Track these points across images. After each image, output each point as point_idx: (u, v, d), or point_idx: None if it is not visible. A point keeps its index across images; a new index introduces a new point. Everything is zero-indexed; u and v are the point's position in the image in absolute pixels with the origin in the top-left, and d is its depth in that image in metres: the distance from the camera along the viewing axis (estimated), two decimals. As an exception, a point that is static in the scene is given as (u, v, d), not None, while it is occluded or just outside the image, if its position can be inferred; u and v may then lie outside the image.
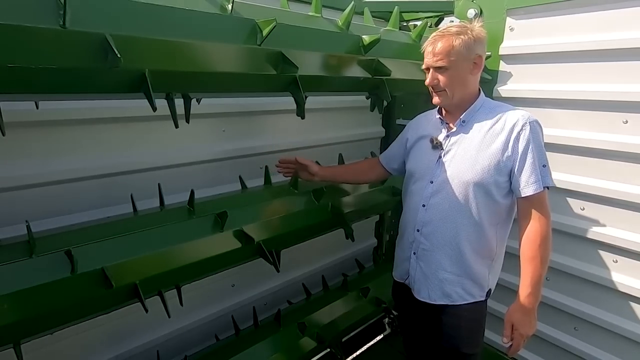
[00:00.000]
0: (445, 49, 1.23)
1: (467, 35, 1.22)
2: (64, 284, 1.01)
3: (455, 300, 1.36)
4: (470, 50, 1.23)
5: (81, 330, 1.40)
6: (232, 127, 1.83)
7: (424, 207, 1.36)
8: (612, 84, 1.62)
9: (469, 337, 1.39)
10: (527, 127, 1.20)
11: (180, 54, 0.98)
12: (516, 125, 1.22)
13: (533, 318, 1.24)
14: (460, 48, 1.22)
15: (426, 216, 1.35)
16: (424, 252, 1.38)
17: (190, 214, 1.34)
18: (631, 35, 1.54)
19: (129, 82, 0.93)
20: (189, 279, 1.32)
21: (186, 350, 1.74)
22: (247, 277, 1.99)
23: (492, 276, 1.39)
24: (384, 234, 2.77)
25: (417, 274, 1.42)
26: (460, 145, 1.31)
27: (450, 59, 1.23)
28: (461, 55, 1.22)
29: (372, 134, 2.55)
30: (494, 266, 1.38)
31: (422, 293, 1.42)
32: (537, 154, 1.20)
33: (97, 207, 1.43)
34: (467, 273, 1.34)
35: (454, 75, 1.25)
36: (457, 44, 1.21)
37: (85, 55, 0.82)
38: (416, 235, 1.39)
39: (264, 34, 1.08)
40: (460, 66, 1.24)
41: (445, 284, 1.35)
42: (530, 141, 1.20)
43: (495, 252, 1.35)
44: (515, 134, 1.21)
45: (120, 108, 1.41)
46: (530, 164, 1.20)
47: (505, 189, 1.26)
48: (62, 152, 1.34)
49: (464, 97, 1.30)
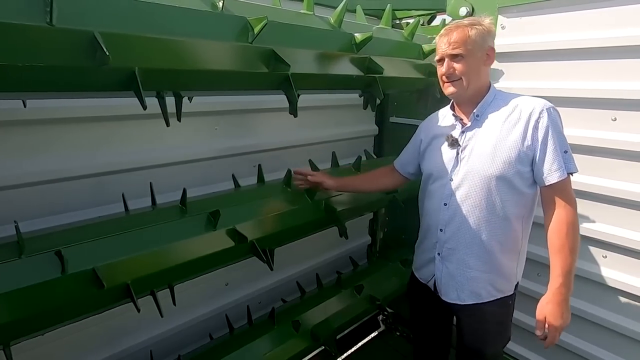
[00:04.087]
0: (462, 37, 1.24)
1: (480, 26, 1.24)
2: (54, 285, 0.99)
3: (484, 298, 1.33)
4: (484, 40, 1.25)
5: (73, 331, 1.39)
6: (224, 125, 1.82)
7: (445, 205, 1.34)
8: (602, 82, 1.64)
9: (496, 335, 1.36)
10: (545, 114, 1.19)
11: (170, 51, 0.97)
12: (533, 113, 1.20)
13: (566, 310, 1.19)
14: (475, 37, 1.23)
15: (448, 215, 1.33)
16: (449, 252, 1.35)
17: (182, 213, 1.33)
18: (620, 34, 1.55)
19: (119, 81, 0.92)
20: (182, 278, 1.32)
21: (180, 350, 1.74)
22: (241, 276, 1.99)
23: (519, 268, 1.37)
24: (377, 232, 2.78)
25: (443, 275, 1.39)
26: (476, 139, 1.29)
27: (467, 47, 1.24)
28: (476, 44, 1.24)
29: (366, 132, 2.55)
30: (520, 258, 1.36)
31: (450, 295, 1.38)
32: (557, 140, 1.18)
33: (88, 207, 1.42)
34: (496, 269, 1.31)
35: (470, 63, 1.25)
36: (472, 33, 1.23)
37: (73, 53, 0.81)
38: (440, 235, 1.37)
39: (255, 31, 1.07)
40: (476, 55, 1.25)
41: (474, 282, 1.32)
42: (549, 128, 1.18)
43: (521, 244, 1.33)
44: (533, 122, 1.19)
45: (111, 106, 1.39)
46: (551, 151, 1.18)
47: (529, 179, 1.24)
48: (50, 151, 1.32)
49: (477, 88, 1.29)
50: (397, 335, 2.58)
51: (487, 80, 1.32)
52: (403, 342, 2.52)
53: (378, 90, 1.55)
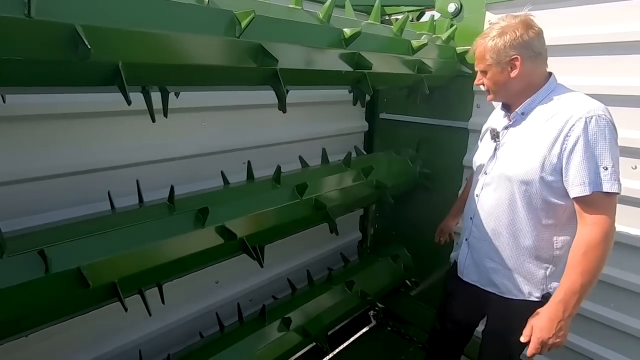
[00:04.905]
0: (480, 53, 1.24)
1: (507, 36, 1.17)
2: (37, 285, 0.97)
3: (503, 292, 1.35)
4: (501, 54, 1.18)
5: (58, 332, 1.36)
6: (213, 122, 1.80)
7: (477, 197, 1.39)
8: (589, 78, 1.66)
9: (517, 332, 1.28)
10: (580, 123, 1.08)
11: (155, 46, 0.94)
12: (570, 120, 1.11)
13: (557, 327, 1.14)
14: (491, 53, 1.20)
15: (478, 206, 1.38)
16: (474, 240, 1.42)
17: (170, 211, 1.31)
18: (608, 30, 1.58)
19: (102, 75, 0.90)
20: (170, 276, 1.30)
21: (169, 349, 1.72)
22: (231, 274, 1.98)
23: (550, 279, 1.29)
24: (368, 228, 2.79)
25: (467, 259, 1.46)
26: (514, 138, 1.27)
27: (486, 63, 1.23)
28: (492, 59, 1.21)
29: (356, 128, 2.55)
30: (553, 269, 1.28)
31: (471, 276, 1.45)
32: (589, 152, 1.07)
33: (72, 206, 1.39)
34: (516, 268, 1.30)
35: (492, 77, 1.24)
36: (490, 46, 1.19)
37: (53, 46, 0.78)
38: (469, 223, 1.44)
39: (242, 25, 1.05)
40: (495, 69, 1.21)
41: (492, 273, 1.37)
42: (579, 138, 1.08)
43: (554, 254, 1.26)
44: (566, 130, 1.10)
45: (95, 102, 1.36)
46: (577, 164, 1.09)
47: (559, 189, 1.16)
48: (32, 149, 1.29)
49: (518, 92, 1.24)
50: (388, 331, 2.60)
51: (531, 81, 1.22)
52: (394, 337, 2.54)
53: (367, 86, 1.55)
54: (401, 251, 2.45)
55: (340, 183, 1.86)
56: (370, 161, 2.02)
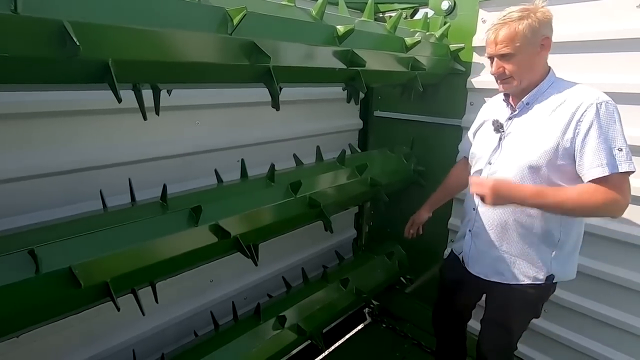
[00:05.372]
0: (509, 35, 1.19)
1: (530, 19, 1.17)
2: (28, 285, 0.96)
3: (508, 279, 1.37)
4: (537, 32, 1.18)
5: (50, 333, 1.35)
6: (206, 120, 1.79)
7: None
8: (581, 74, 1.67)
9: (519, 315, 1.40)
10: (592, 109, 1.12)
11: (146, 42, 0.93)
12: (581, 106, 1.14)
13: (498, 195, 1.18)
14: (525, 32, 1.17)
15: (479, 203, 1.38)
16: (478, 230, 1.43)
17: (163, 209, 1.30)
18: (602, 28, 1.59)
19: (91, 72, 0.89)
20: (164, 275, 1.29)
21: (164, 348, 1.71)
22: (226, 272, 1.97)
23: (555, 262, 1.33)
24: (363, 225, 2.80)
25: (471, 250, 1.47)
26: (521, 127, 1.28)
27: (515, 45, 1.19)
28: (526, 39, 1.18)
29: (350, 126, 2.55)
30: (558, 253, 1.32)
31: (475, 268, 1.47)
32: (603, 136, 1.11)
33: (63, 205, 1.37)
34: (522, 254, 1.34)
35: (521, 61, 1.21)
36: (521, 28, 1.17)
37: (40, 43, 0.77)
38: (473, 214, 1.45)
39: (234, 22, 1.05)
40: (526, 51, 1.19)
41: (498, 262, 1.38)
42: (593, 122, 1.12)
43: (560, 238, 1.30)
44: (578, 116, 1.14)
45: (85, 100, 1.34)
46: (594, 147, 1.12)
47: (569, 173, 1.19)
48: (22, 148, 1.27)
49: (531, 81, 1.26)
50: (383, 328, 2.61)
51: (542, 69, 1.26)
52: (389, 334, 2.55)
53: (361, 83, 1.55)
54: (396, 248, 2.46)
55: (335, 181, 1.86)
56: (365, 159, 2.02)
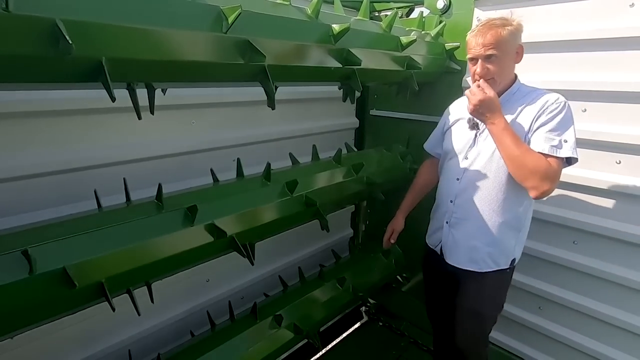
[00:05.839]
0: (496, 39, 1.31)
1: (512, 26, 1.31)
2: (21, 286, 0.95)
3: (481, 267, 1.49)
4: (515, 39, 1.33)
5: (45, 334, 1.34)
6: (201, 119, 1.78)
7: (457, 180, 1.50)
8: (573, 74, 1.69)
9: (490, 301, 1.53)
10: (556, 105, 1.31)
11: (139, 41, 0.93)
12: (547, 103, 1.32)
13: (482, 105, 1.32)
14: (508, 37, 1.31)
15: (459, 188, 1.49)
16: (456, 221, 1.53)
17: (158, 209, 1.30)
18: (594, 27, 1.60)
19: (85, 71, 0.88)
20: (159, 275, 1.29)
21: (160, 348, 1.70)
22: (222, 272, 1.97)
23: (517, 247, 1.50)
24: (359, 224, 2.80)
25: (448, 240, 1.57)
26: None
27: (500, 47, 1.32)
28: (508, 44, 1.32)
29: (346, 125, 2.55)
30: (520, 237, 1.49)
31: (452, 258, 1.56)
32: (558, 125, 1.28)
33: (57, 205, 1.36)
34: (495, 243, 1.46)
35: (502, 63, 1.35)
36: (504, 34, 1.30)
37: (32, 41, 0.76)
38: (450, 206, 1.54)
39: (229, 21, 1.04)
40: (508, 55, 1.34)
41: (474, 251, 1.49)
42: (554, 113, 1.30)
43: (523, 223, 1.47)
44: (542, 109, 1.32)
45: (80, 99, 1.34)
46: (547, 130, 1.29)
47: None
48: (15, 148, 1.26)
49: (505, 84, 1.41)
50: (380, 326, 2.61)
51: (513, 74, 1.43)
52: (386, 332, 2.56)
53: (357, 82, 1.55)
54: (392, 247, 2.46)
55: (331, 180, 1.85)
56: (361, 158, 2.03)
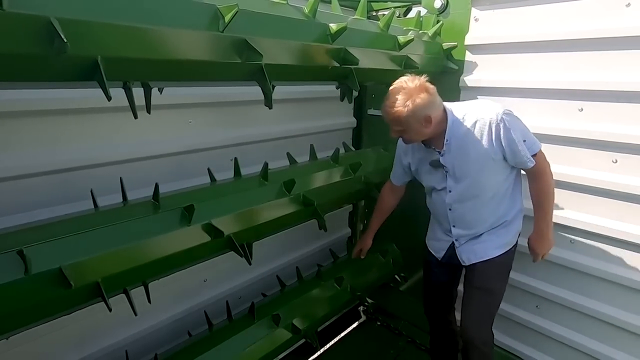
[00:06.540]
0: (395, 120, 1.44)
1: (409, 106, 1.39)
2: (17, 286, 0.94)
3: (489, 256, 1.61)
4: (418, 114, 1.41)
5: (41, 334, 1.33)
6: (198, 119, 1.77)
7: (450, 210, 1.62)
8: (570, 73, 1.69)
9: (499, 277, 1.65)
10: (501, 125, 1.42)
11: (135, 40, 0.92)
12: (492, 125, 1.43)
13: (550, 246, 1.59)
14: (407, 118, 1.41)
15: (456, 215, 1.63)
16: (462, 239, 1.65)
17: (155, 209, 1.29)
18: (589, 26, 1.60)
19: (80, 70, 0.87)
20: (156, 275, 1.28)
21: (157, 349, 1.69)
22: (220, 272, 1.96)
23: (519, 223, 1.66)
24: (357, 224, 2.80)
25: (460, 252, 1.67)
26: (455, 157, 1.52)
27: (402, 126, 1.45)
28: (409, 122, 1.43)
29: (344, 125, 2.55)
30: (519, 216, 1.65)
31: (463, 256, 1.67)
32: (517, 137, 1.43)
33: (53, 205, 1.36)
34: (502, 234, 1.61)
35: (410, 132, 1.48)
36: (404, 114, 1.40)
37: (27, 40, 0.76)
38: (453, 230, 1.66)
39: (226, 20, 1.04)
40: (414, 127, 1.45)
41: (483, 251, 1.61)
42: (508, 132, 1.42)
43: (517, 206, 1.63)
44: (495, 133, 1.43)
45: (76, 98, 1.33)
46: (519, 148, 1.44)
47: (506, 165, 1.51)
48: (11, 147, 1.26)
49: (432, 133, 1.49)
50: (378, 325, 2.62)
51: (440, 121, 1.49)
52: (384, 331, 2.56)
53: (354, 81, 1.54)
54: (390, 247, 2.46)
55: (329, 179, 1.85)
56: (359, 157, 2.03)
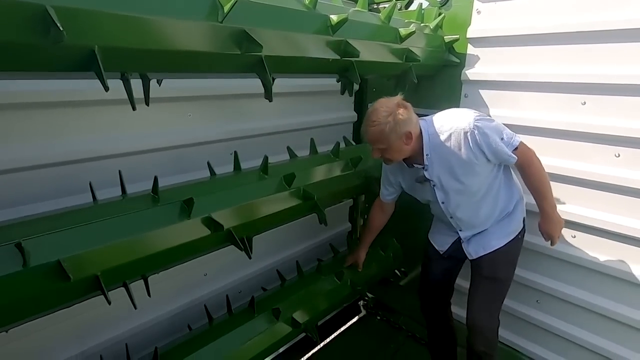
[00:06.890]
0: (375, 137, 1.47)
1: (390, 123, 1.42)
2: (15, 279, 0.94)
3: (495, 247, 1.64)
4: (398, 131, 1.44)
5: (40, 327, 1.33)
6: (198, 112, 1.76)
7: (451, 218, 1.66)
8: (573, 66, 1.67)
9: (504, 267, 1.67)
10: (475, 133, 1.44)
11: (133, 29, 0.91)
12: (466, 135, 1.44)
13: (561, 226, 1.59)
14: (388, 134, 1.44)
15: (456, 221, 1.67)
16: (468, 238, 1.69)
17: (154, 202, 1.28)
18: (592, 19, 1.58)
19: (77, 60, 0.86)
20: (155, 268, 1.28)
21: (157, 342, 1.69)
22: (220, 265, 1.96)
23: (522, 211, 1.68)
24: (357, 219, 2.79)
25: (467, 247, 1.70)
26: (439, 170, 1.55)
27: (383, 143, 1.47)
28: (390, 139, 1.45)
29: (344, 119, 2.54)
30: (520, 202, 1.68)
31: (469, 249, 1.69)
32: (493, 139, 1.44)
33: (52, 198, 1.35)
34: (505, 225, 1.64)
35: (390, 150, 1.50)
36: (387, 131, 1.43)
37: (22, 28, 0.74)
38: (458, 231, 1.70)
39: (225, 10, 1.02)
40: (394, 144, 1.47)
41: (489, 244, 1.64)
42: (484, 137, 1.43)
43: (519, 195, 1.67)
44: (472, 143, 1.45)
45: (73, 90, 1.32)
46: (499, 148, 1.46)
47: (490, 164, 1.52)
48: (9, 139, 1.24)
49: (414, 150, 1.52)
50: (378, 320, 2.62)
51: (416, 139, 1.51)
52: (384, 326, 2.57)
53: (355, 74, 1.53)
54: (390, 241, 2.46)
55: (329, 173, 1.85)
56: (359, 151, 2.01)
